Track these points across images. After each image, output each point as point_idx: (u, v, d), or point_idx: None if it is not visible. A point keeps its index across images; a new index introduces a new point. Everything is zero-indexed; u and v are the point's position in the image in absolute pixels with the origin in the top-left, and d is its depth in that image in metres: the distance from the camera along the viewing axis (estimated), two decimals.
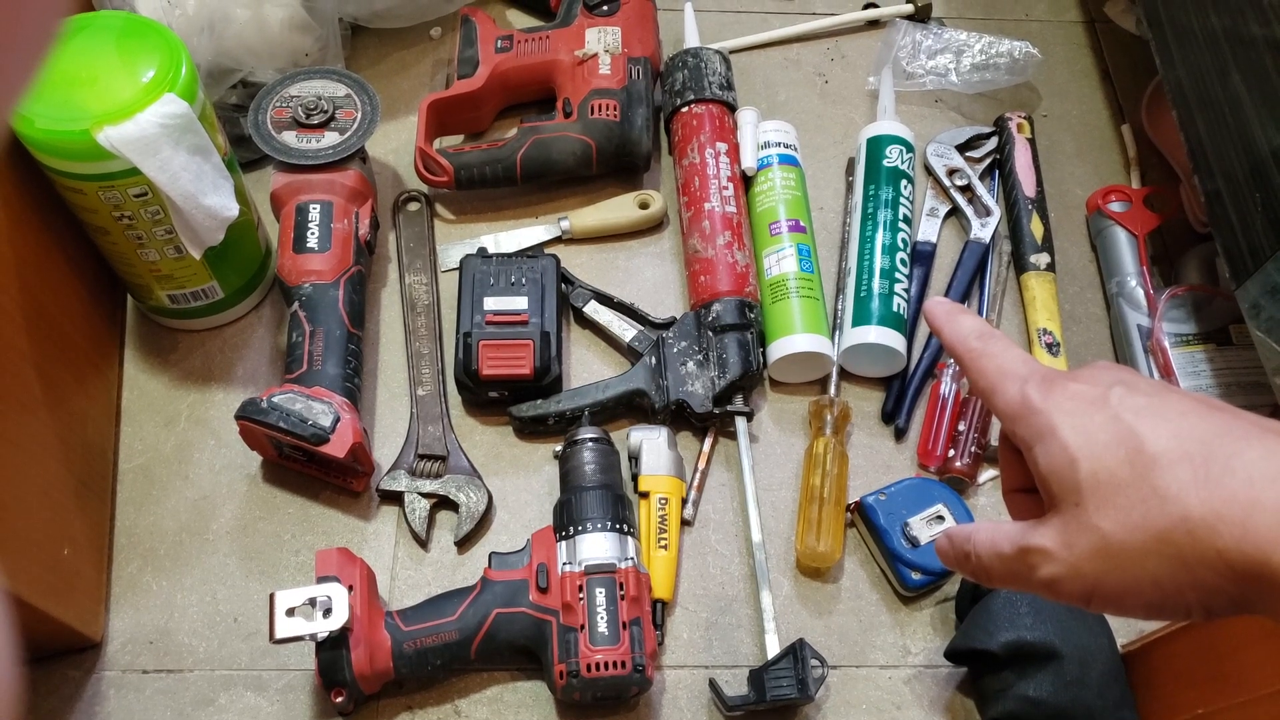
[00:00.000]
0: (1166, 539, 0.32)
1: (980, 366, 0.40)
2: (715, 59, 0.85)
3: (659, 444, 0.71)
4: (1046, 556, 0.35)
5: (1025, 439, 0.37)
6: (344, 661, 0.61)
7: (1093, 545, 0.33)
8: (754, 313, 0.75)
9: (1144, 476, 0.33)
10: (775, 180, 0.81)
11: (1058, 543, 0.35)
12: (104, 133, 0.60)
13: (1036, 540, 0.35)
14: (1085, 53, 0.96)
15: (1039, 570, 0.35)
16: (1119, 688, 0.62)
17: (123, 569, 0.69)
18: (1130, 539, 0.33)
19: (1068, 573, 0.34)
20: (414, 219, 0.83)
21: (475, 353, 0.72)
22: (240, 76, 0.79)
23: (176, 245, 0.68)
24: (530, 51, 0.85)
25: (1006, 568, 0.37)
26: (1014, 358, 0.39)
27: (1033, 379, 0.37)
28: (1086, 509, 0.34)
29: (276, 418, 0.66)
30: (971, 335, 0.41)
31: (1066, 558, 0.34)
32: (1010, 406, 0.38)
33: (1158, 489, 0.32)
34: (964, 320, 0.42)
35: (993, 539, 0.38)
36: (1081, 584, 0.34)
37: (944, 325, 0.42)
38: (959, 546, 0.40)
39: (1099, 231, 0.84)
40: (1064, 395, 0.36)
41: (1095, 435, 0.34)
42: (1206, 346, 0.76)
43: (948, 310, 0.43)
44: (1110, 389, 0.35)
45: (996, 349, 0.40)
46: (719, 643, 0.68)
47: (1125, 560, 0.33)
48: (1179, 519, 0.32)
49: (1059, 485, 0.35)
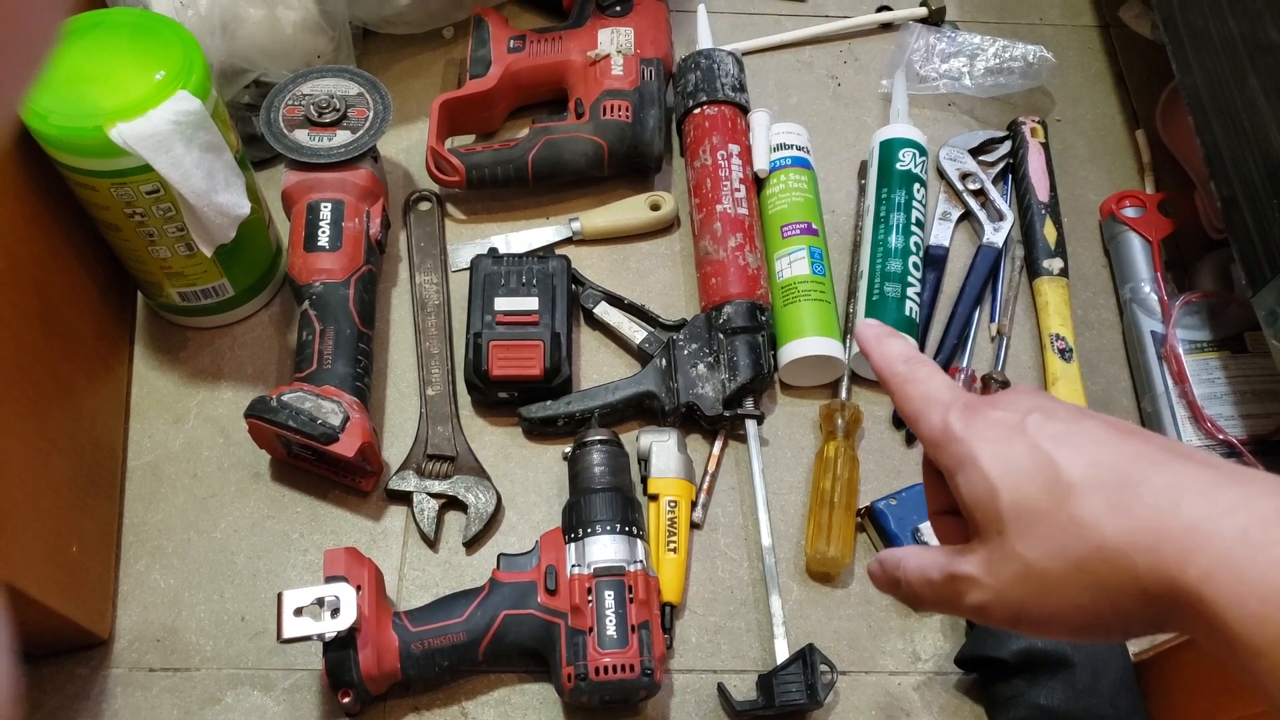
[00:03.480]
0: (1085, 567, 0.33)
1: (906, 392, 0.41)
2: (728, 60, 0.85)
3: (669, 446, 0.71)
4: (973, 583, 0.36)
5: (948, 466, 0.38)
6: (351, 662, 0.61)
7: (1016, 573, 0.35)
8: (765, 315, 0.75)
9: (1061, 505, 0.34)
10: (787, 183, 0.81)
11: (983, 570, 0.36)
12: (117, 129, 0.60)
13: (963, 568, 0.37)
14: (1099, 57, 0.95)
15: (966, 597, 0.37)
16: (1131, 697, 0.62)
17: (130, 566, 0.69)
18: (1052, 567, 0.34)
19: (994, 599, 0.36)
20: (425, 218, 0.83)
21: (485, 353, 0.72)
22: (253, 77, 0.79)
23: (188, 243, 0.68)
24: (543, 52, 0.85)
25: (936, 594, 0.38)
26: (938, 384, 0.40)
27: (955, 406, 0.38)
28: (1009, 537, 0.35)
29: (286, 416, 0.65)
30: (898, 360, 0.42)
31: (993, 584, 0.36)
32: (933, 433, 0.39)
33: (1075, 518, 0.33)
34: (892, 344, 0.43)
35: (921, 566, 0.39)
36: (1007, 610, 0.36)
37: (872, 349, 0.44)
38: (889, 572, 0.41)
39: (1112, 237, 0.83)
40: (984, 423, 0.37)
41: (1014, 464, 0.35)
42: (1221, 354, 0.75)
43: (877, 334, 0.44)
44: (1028, 415, 0.36)
45: (922, 375, 0.41)
46: (727, 647, 0.68)
47: (1047, 587, 0.34)
48: (1095, 548, 0.33)
49: (982, 514, 0.36)
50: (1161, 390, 0.74)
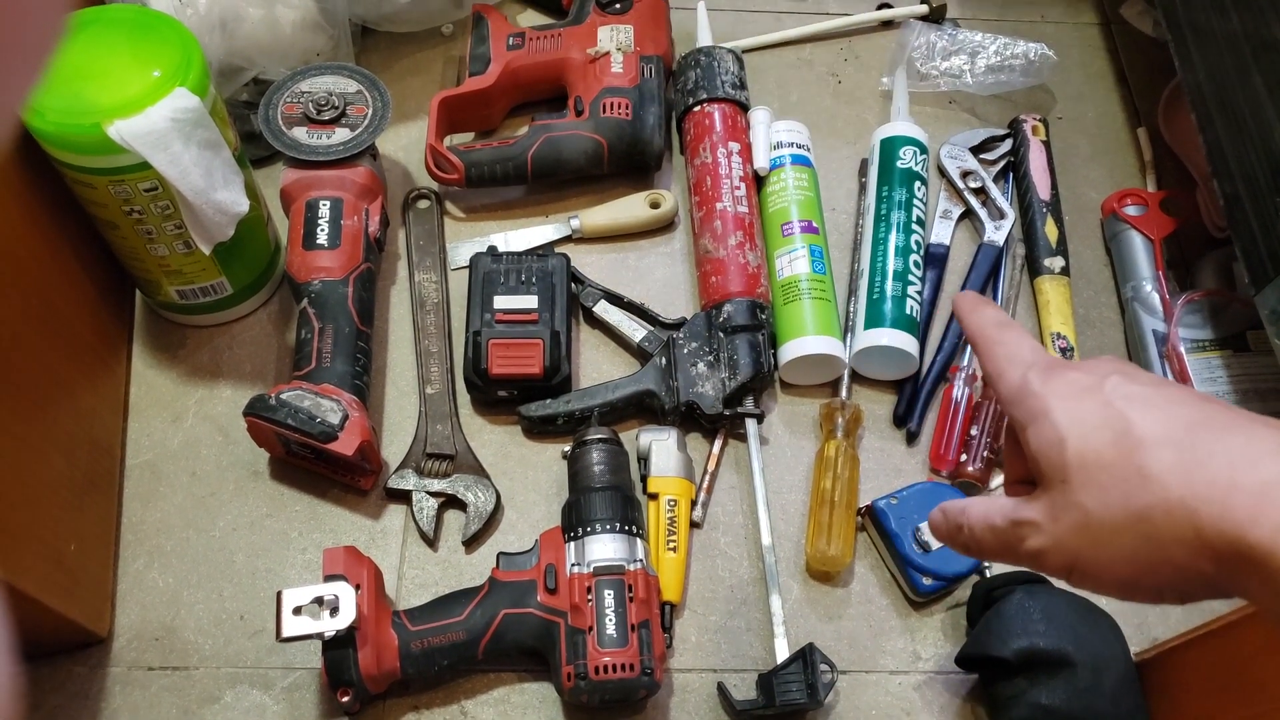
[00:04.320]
0: (1143, 517, 0.33)
1: (993, 352, 0.42)
2: (728, 58, 0.85)
3: (668, 445, 0.71)
4: (1035, 528, 0.37)
5: (1021, 420, 0.38)
6: (351, 661, 0.60)
7: (1075, 521, 0.35)
8: (765, 314, 0.75)
9: (1128, 457, 0.34)
10: (788, 180, 0.81)
11: (1045, 516, 0.36)
12: (115, 127, 0.60)
13: (1026, 513, 0.37)
14: (1101, 55, 0.95)
15: (1027, 541, 0.37)
16: (1133, 696, 0.62)
17: (129, 565, 0.69)
18: (1108, 516, 0.34)
19: (1052, 545, 0.36)
20: (424, 216, 0.82)
21: (484, 351, 0.71)
22: (251, 75, 0.79)
23: (186, 240, 0.68)
24: (542, 49, 0.85)
25: (998, 539, 0.39)
26: (1025, 346, 0.41)
27: (1036, 366, 0.39)
28: (1072, 485, 0.35)
29: (285, 415, 0.65)
30: (991, 324, 0.43)
31: (1052, 530, 0.36)
32: (1010, 390, 0.39)
33: (1141, 469, 0.33)
34: (988, 311, 0.44)
35: (986, 513, 0.40)
36: (1063, 557, 0.36)
37: (968, 314, 0.44)
38: (953, 519, 0.41)
39: (1114, 235, 0.83)
40: (1061, 381, 0.38)
41: (1085, 418, 0.36)
42: (1223, 352, 0.75)
43: (973, 301, 0.45)
44: (1107, 378, 0.37)
45: (1011, 338, 0.42)
46: (727, 646, 0.68)
47: (1103, 536, 0.34)
48: (1158, 499, 0.33)
49: (1047, 463, 0.36)
50: None
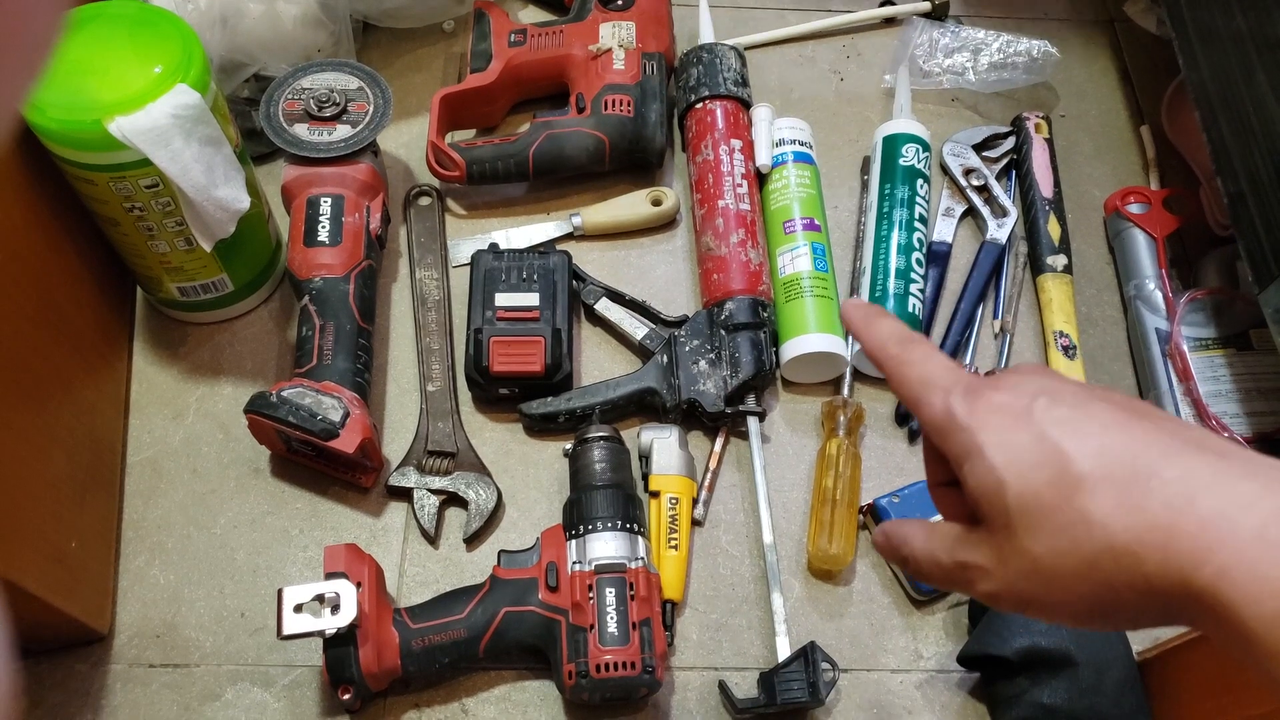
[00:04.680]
0: (1093, 564, 0.32)
1: (903, 375, 0.39)
2: (730, 55, 0.84)
3: (670, 443, 0.71)
4: (983, 573, 0.36)
5: (953, 454, 0.37)
6: (352, 659, 0.60)
7: (1024, 567, 0.34)
8: (767, 312, 0.75)
9: (1069, 500, 0.33)
10: (790, 178, 0.81)
11: (993, 561, 0.35)
12: (115, 123, 0.60)
13: (973, 558, 0.36)
14: (1104, 52, 0.95)
15: (977, 584, 0.36)
16: (1134, 696, 0.62)
17: (130, 562, 0.69)
18: (1061, 564, 0.33)
19: (1003, 589, 0.35)
20: (425, 214, 0.82)
21: (486, 349, 0.71)
22: (252, 71, 0.79)
23: (187, 237, 0.68)
24: (544, 46, 0.84)
25: (946, 576, 0.38)
26: (936, 365, 0.38)
27: (956, 389, 0.37)
28: (1016, 532, 0.34)
29: (286, 412, 0.65)
30: (891, 341, 0.40)
31: (1002, 575, 0.35)
32: (935, 420, 0.37)
33: (1083, 514, 0.32)
34: (883, 324, 0.41)
35: (930, 550, 0.38)
36: (1016, 601, 0.35)
37: (862, 329, 0.41)
38: (895, 545, 0.40)
39: (1117, 233, 0.83)
40: (988, 409, 0.36)
41: (1020, 455, 0.34)
42: (1226, 351, 0.75)
43: (865, 314, 0.42)
44: (1034, 400, 0.35)
45: (917, 356, 0.39)
46: (729, 644, 0.68)
47: (1054, 581, 0.34)
48: (1104, 546, 0.32)
49: (989, 506, 0.35)
50: (1166, 388, 0.74)
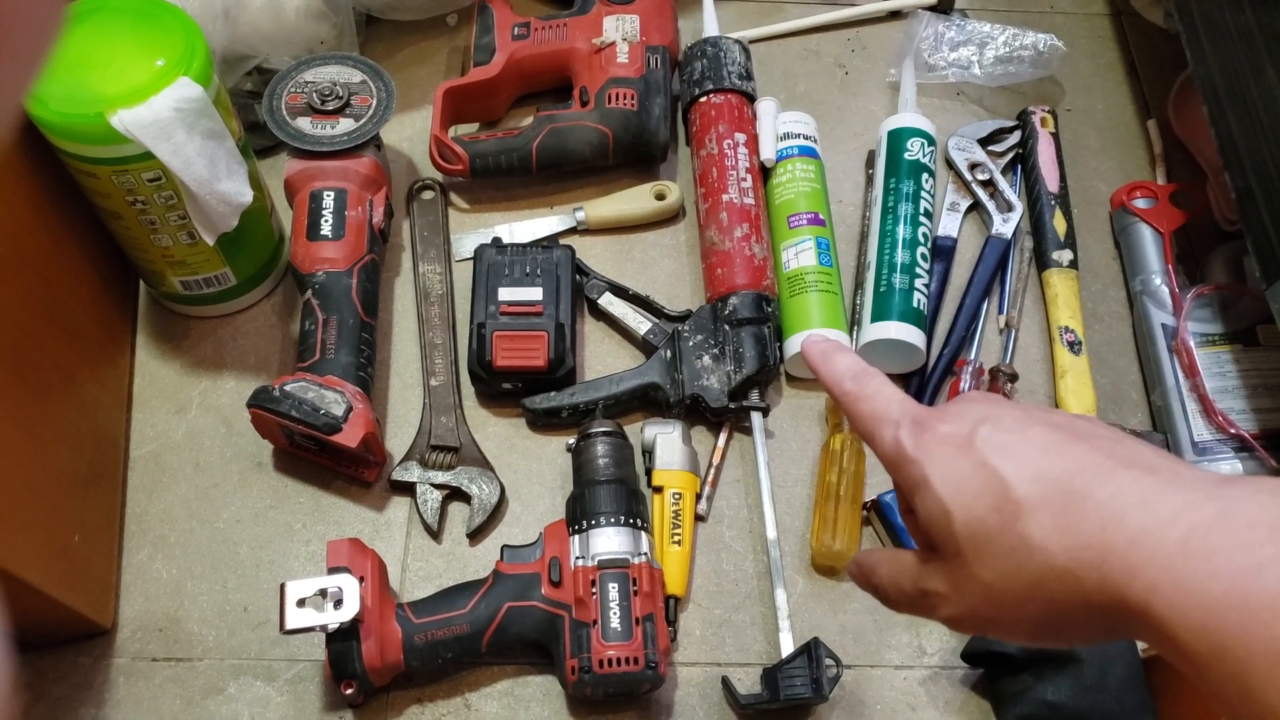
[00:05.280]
0: (1039, 585, 0.34)
1: (857, 410, 0.41)
2: (734, 48, 0.84)
3: (673, 438, 0.71)
4: (942, 599, 0.38)
5: (904, 486, 0.38)
6: (354, 653, 0.60)
7: (978, 592, 0.36)
8: (771, 306, 0.75)
9: (1011, 526, 0.34)
10: (794, 172, 0.80)
11: (949, 588, 0.37)
12: (118, 116, 0.59)
13: (931, 585, 0.38)
14: (1111, 46, 0.94)
15: (938, 610, 0.38)
16: (1139, 693, 0.61)
17: (133, 556, 0.69)
18: (1010, 587, 0.35)
19: (963, 613, 0.37)
20: (428, 207, 0.82)
21: (489, 343, 0.71)
22: (255, 63, 0.79)
23: (190, 231, 0.68)
24: (547, 39, 0.84)
25: (911, 603, 0.40)
26: (886, 400, 0.40)
27: (904, 423, 0.39)
28: (966, 559, 0.36)
29: (289, 406, 0.65)
30: (846, 377, 0.42)
31: (959, 601, 0.37)
32: (886, 453, 0.39)
33: (1024, 539, 0.34)
34: (839, 360, 0.43)
35: (894, 576, 0.40)
36: (976, 623, 0.37)
37: (820, 365, 0.44)
38: (866, 575, 0.42)
39: (1123, 228, 0.82)
40: (933, 440, 0.37)
41: (963, 485, 0.36)
42: (1233, 347, 0.74)
43: (823, 350, 0.44)
44: (977, 429, 0.36)
45: (869, 391, 0.41)
46: (732, 640, 0.67)
47: (1007, 603, 0.35)
48: (1046, 568, 0.33)
49: (939, 535, 0.37)
50: (1172, 384, 0.74)
